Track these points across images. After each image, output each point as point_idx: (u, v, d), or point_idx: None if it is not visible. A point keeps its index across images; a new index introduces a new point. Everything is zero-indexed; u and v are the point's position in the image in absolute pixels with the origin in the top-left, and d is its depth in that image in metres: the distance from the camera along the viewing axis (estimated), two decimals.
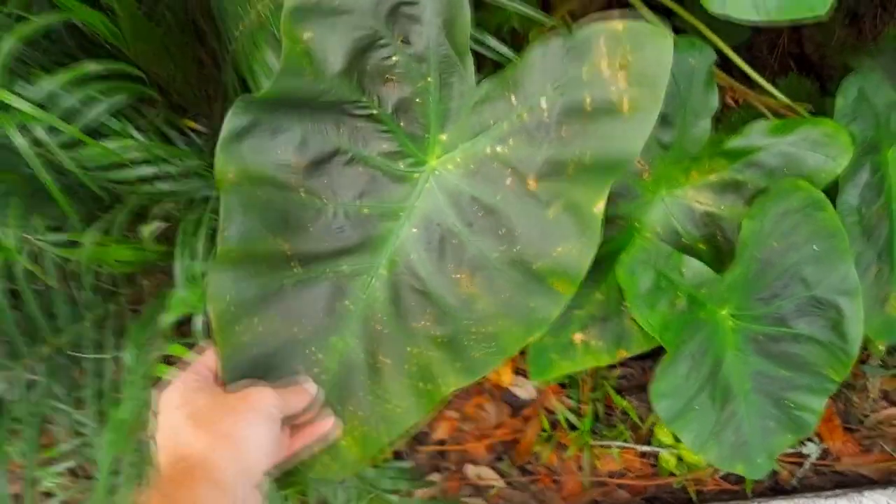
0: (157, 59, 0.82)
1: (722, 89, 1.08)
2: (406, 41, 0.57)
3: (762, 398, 0.86)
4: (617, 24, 0.54)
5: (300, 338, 0.61)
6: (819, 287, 0.78)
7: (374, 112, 0.59)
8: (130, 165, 0.72)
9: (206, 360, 0.60)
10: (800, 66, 1.47)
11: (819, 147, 0.74)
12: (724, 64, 0.89)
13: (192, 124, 0.88)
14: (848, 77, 0.79)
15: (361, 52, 0.57)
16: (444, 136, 0.61)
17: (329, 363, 0.62)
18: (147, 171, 0.74)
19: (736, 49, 0.84)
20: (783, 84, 1.17)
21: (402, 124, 0.61)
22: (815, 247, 0.76)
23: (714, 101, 0.74)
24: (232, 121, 0.56)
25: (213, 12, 0.81)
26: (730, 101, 1.23)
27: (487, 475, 1.43)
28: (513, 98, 0.58)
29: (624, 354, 0.86)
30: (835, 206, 0.84)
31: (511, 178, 0.59)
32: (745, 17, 0.62)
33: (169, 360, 0.77)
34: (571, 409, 1.47)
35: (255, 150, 0.57)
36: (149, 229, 0.74)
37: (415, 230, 0.61)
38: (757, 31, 1.42)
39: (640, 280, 0.75)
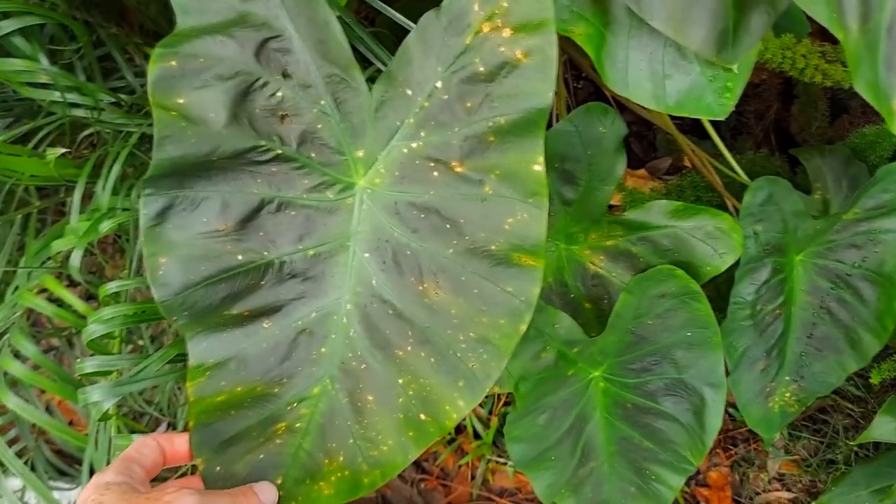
0: None
1: (682, 149, 1.08)
2: (286, 74, 0.56)
3: (625, 463, 0.87)
4: None
5: (281, 396, 0.59)
6: (688, 372, 0.79)
7: (280, 152, 0.57)
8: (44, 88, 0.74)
9: (139, 453, 0.52)
10: (783, 142, 1.45)
11: (710, 239, 0.74)
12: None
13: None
14: (759, 180, 0.78)
15: (242, 98, 0.55)
16: (360, 153, 0.59)
17: (311, 414, 0.59)
18: (55, 95, 0.76)
19: None
20: (748, 159, 1.15)
21: (313, 155, 0.58)
22: (688, 333, 0.76)
23: (620, 171, 0.74)
24: (147, 207, 0.54)
25: None
26: (688, 164, 1.22)
27: None
28: (408, 91, 0.56)
29: (496, 391, 0.88)
30: (729, 296, 0.85)
31: (436, 170, 0.57)
32: (644, 104, 0.62)
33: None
34: (481, 419, 1.48)
35: (179, 228, 0.55)
36: (55, 152, 0.76)
37: (367, 255, 0.59)
38: (745, 96, 1.41)
39: None
